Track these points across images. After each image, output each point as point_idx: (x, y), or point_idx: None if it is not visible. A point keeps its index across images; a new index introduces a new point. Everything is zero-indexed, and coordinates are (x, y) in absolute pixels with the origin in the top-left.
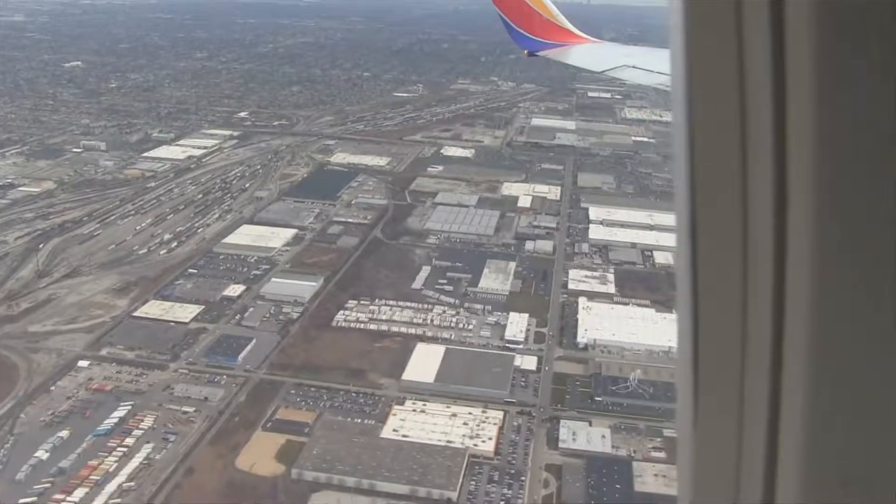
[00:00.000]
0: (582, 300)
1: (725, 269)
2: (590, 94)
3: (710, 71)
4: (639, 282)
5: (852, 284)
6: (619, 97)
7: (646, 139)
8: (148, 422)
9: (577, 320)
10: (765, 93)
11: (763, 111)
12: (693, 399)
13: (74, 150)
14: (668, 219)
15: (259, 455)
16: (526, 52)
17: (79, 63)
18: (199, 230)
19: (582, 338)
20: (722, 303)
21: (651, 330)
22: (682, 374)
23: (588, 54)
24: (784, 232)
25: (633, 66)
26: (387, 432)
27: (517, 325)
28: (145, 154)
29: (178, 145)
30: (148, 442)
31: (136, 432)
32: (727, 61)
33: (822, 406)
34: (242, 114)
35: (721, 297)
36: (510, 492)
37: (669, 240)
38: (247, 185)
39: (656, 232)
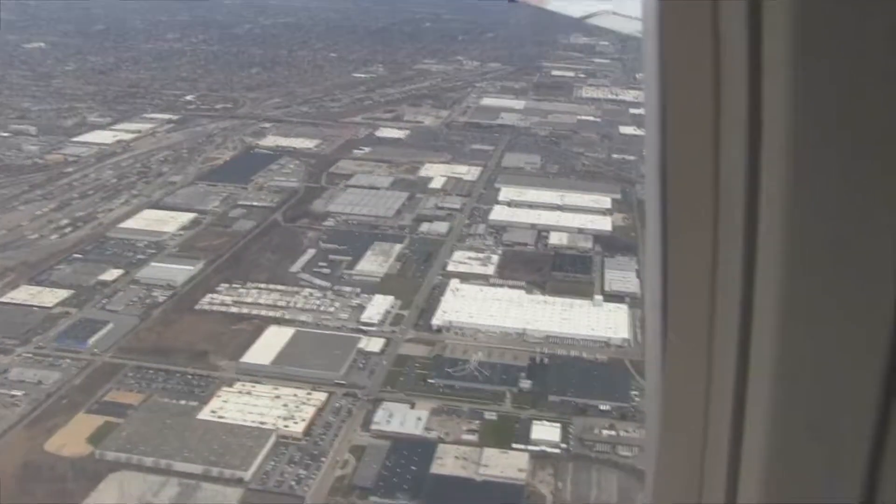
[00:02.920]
0: (454, 282)
1: (695, 266)
2: (553, 72)
3: (685, 67)
4: (523, 263)
5: (820, 285)
6: (582, 76)
7: (592, 118)
8: None
9: (440, 302)
10: (740, 86)
11: (736, 104)
12: (661, 395)
13: (2, 134)
14: (580, 198)
15: (71, 437)
16: None
17: (41, 44)
18: (99, 215)
19: (437, 320)
20: (691, 298)
21: (513, 312)
22: (651, 369)
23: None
24: (755, 225)
25: (613, 13)
26: (205, 414)
27: (378, 307)
28: (75, 139)
29: (111, 130)
30: None
31: None
32: (702, 56)
33: (787, 409)
34: (189, 97)
35: (690, 293)
36: (305, 472)
37: (573, 220)
38: (165, 170)
39: (562, 212)
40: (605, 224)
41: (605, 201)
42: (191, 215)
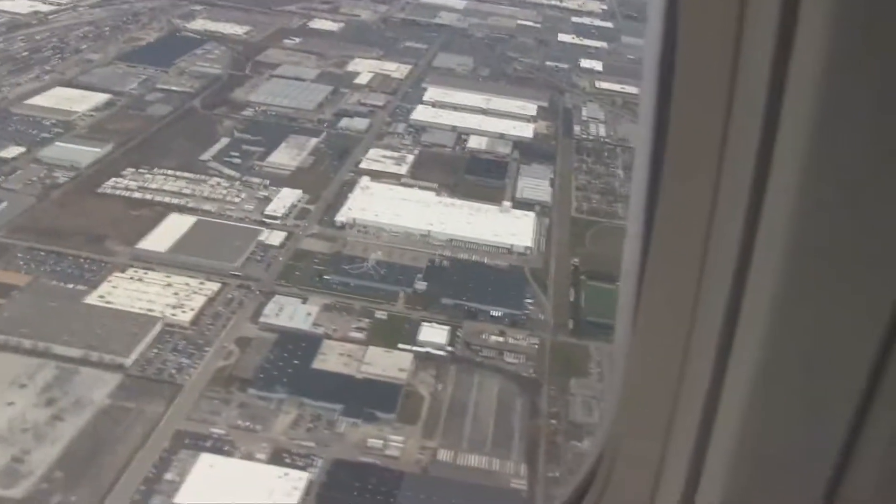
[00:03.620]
0: (364, 179)
1: (681, 254)
2: None
3: (701, 57)
4: (438, 165)
5: (814, 288)
6: None
7: (532, 23)
8: None
9: (348, 199)
10: (761, 68)
11: (756, 87)
12: (626, 379)
13: None
14: (506, 104)
15: None
16: None
17: None
18: (4, 89)
19: (341, 216)
20: (673, 284)
21: (419, 213)
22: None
23: None
24: (755, 229)
25: None
26: (92, 298)
27: (284, 200)
28: None
29: None
30: None
31: None
32: (723, 45)
33: (762, 410)
34: None
35: (673, 279)
36: (188, 361)
37: (495, 125)
38: (83, 47)
39: (485, 116)
40: (527, 131)
41: (531, 108)
42: (105, 96)
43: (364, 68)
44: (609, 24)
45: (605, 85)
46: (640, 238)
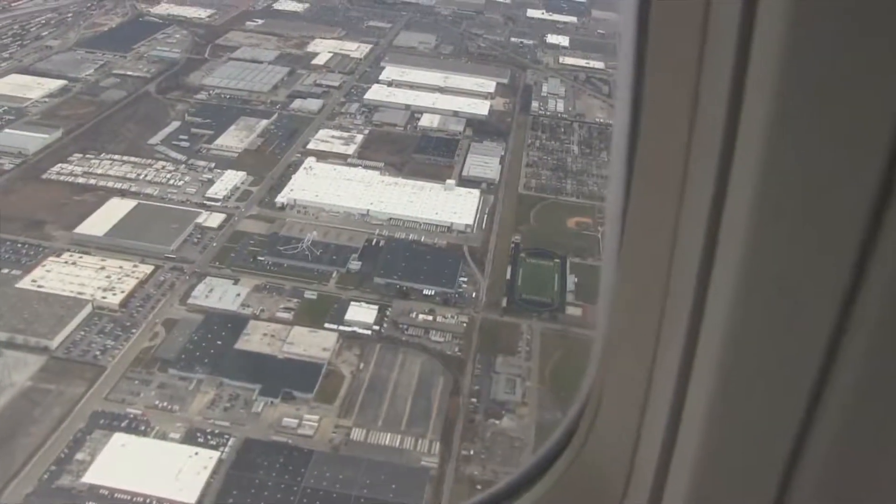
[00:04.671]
0: (309, 160)
1: (650, 259)
2: None
3: (668, 64)
4: (387, 144)
5: (776, 288)
6: None
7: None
8: None
9: (291, 180)
10: (721, 89)
11: (716, 106)
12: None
13: None
14: (464, 81)
15: None
16: None
17: None
18: None
19: (282, 197)
20: (642, 285)
21: (361, 193)
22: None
23: None
24: (716, 235)
25: None
26: (24, 283)
27: (227, 182)
28: None
29: None
30: None
31: None
32: (687, 54)
33: (723, 412)
34: None
35: (642, 282)
36: (113, 343)
37: (450, 102)
38: (44, 34)
39: (441, 94)
40: (482, 108)
41: (490, 85)
42: (60, 82)
43: (324, 48)
44: None
45: (569, 60)
46: (617, 221)
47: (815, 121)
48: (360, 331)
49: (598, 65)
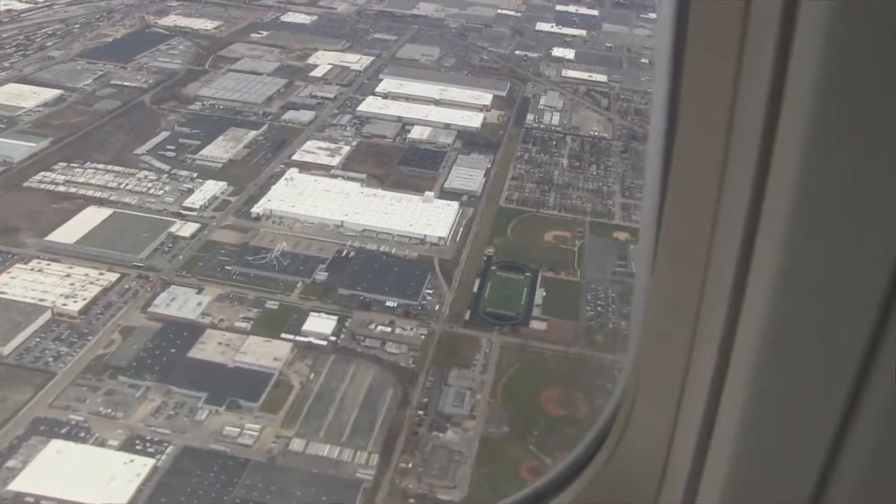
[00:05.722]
0: (291, 171)
1: (686, 268)
2: None
3: (704, 67)
4: (374, 156)
5: (812, 287)
6: None
7: (512, 12)
8: None
9: (270, 191)
10: (762, 86)
11: (755, 100)
12: (633, 380)
13: None
14: (461, 93)
15: None
16: None
17: None
18: None
19: (258, 208)
20: (678, 286)
21: (338, 204)
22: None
23: None
24: (753, 237)
25: None
26: None
27: (206, 192)
28: None
29: None
30: None
31: None
32: (727, 53)
33: (761, 408)
34: None
35: (677, 284)
36: (67, 350)
37: (443, 115)
38: (49, 44)
39: (436, 107)
40: (475, 120)
41: (487, 98)
42: (56, 92)
43: (324, 60)
44: (595, 12)
45: (571, 73)
46: (653, 225)
47: (853, 126)
48: (316, 341)
49: (601, 77)
